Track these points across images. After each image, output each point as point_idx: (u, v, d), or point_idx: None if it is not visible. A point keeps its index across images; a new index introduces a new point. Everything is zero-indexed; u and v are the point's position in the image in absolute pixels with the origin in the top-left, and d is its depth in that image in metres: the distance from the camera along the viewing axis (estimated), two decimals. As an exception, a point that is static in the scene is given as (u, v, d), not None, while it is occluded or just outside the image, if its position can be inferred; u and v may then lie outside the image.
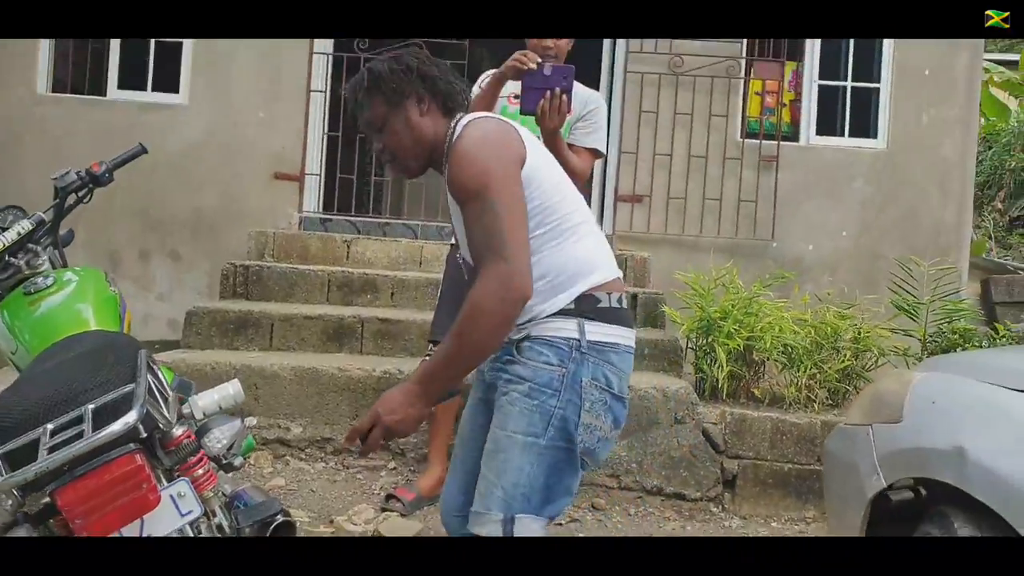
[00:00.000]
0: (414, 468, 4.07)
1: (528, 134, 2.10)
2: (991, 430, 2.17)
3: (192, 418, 2.13)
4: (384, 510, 3.66)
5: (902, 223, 6.11)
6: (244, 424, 2.23)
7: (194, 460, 2.02)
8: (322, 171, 6.18)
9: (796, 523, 4.04)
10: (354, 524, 3.52)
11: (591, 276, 2.05)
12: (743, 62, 6.15)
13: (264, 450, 4.11)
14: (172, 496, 1.89)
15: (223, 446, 2.15)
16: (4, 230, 2.49)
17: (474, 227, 1.95)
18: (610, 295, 2.07)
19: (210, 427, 2.15)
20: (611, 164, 6.02)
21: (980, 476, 2.09)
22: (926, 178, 6.15)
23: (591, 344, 2.02)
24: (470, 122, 2.03)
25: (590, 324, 2.02)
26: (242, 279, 5.08)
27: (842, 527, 2.68)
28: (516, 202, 1.94)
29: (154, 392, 1.98)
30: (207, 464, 2.06)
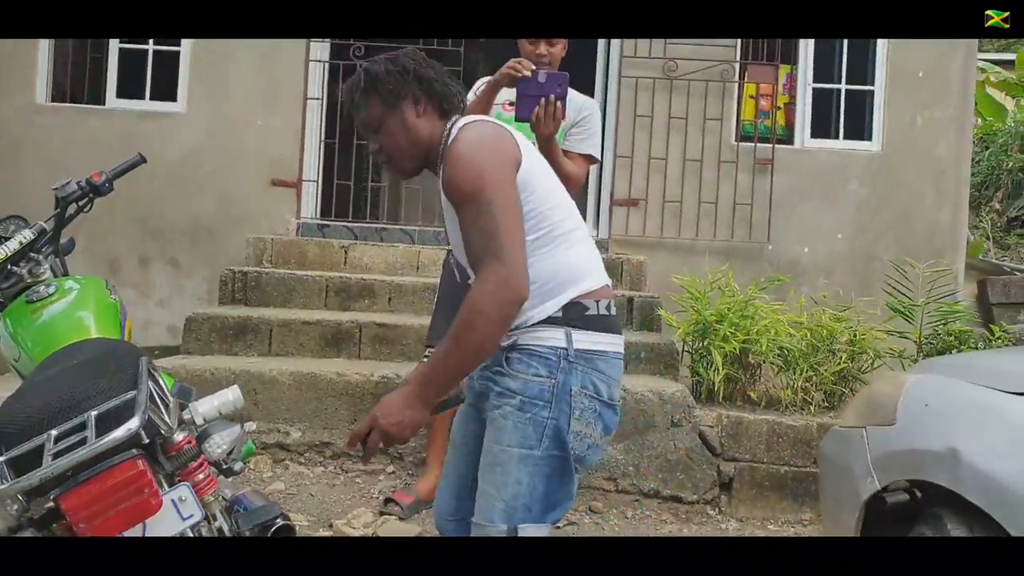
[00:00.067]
0: (412, 472, 4.09)
1: (523, 139, 2.10)
2: (984, 432, 2.19)
3: (193, 424, 2.15)
4: (383, 514, 3.68)
5: (897, 225, 6.12)
6: (244, 429, 2.25)
7: (195, 465, 2.04)
8: (319, 177, 6.19)
9: (792, 525, 4.06)
10: (353, 528, 3.54)
11: (580, 283, 2.05)
12: (737, 66, 6.16)
13: (264, 455, 4.13)
14: (173, 500, 1.91)
15: (223, 451, 2.17)
16: (6, 240, 2.52)
17: (470, 229, 1.95)
18: (598, 302, 2.07)
19: (210, 432, 2.17)
20: (606, 168, 6.03)
21: (973, 478, 2.11)
22: (921, 180, 6.16)
23: (579, 352, 2.02)
24: (466, 125, 2.03)
25: (577, 332, 2.02)
26: (241, 285, 5.10)
27: (837, 529, 2.70)
28: (512, 205, 1.94)
29: (155, 398, 2.00)
30: (207, 469, 2.08)
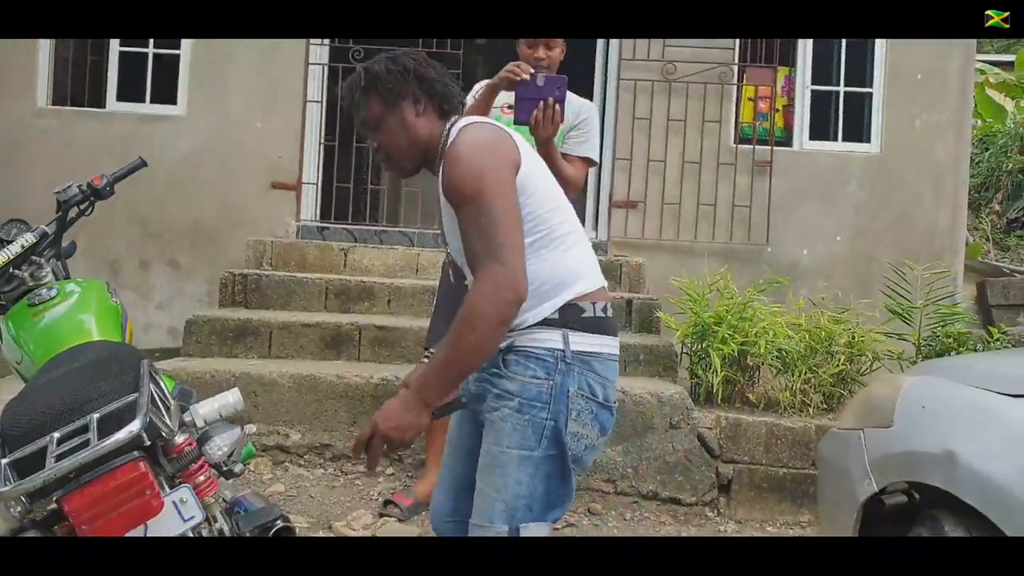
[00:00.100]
0: (412, 474, 4.10)
1: (523, 141, 2.10)
2: (980, 434, 2.20)
3: (193, 426, 2.16)
4: (382, 515, 3.69)
5: (896, 227, 6.13)
6: (244, 432, 2.26)
7: (196, 467, 2.06)
8: (319, 180, 6.21)
9: (791, 527, 4.06)
10: (352, 530, 3.56)
11: (576, 286, 2.06)
12: (735, 68, 6.17)
13: (264, 457, 4.15)
14: (175, 502, 1.93)
15: (224, 453, 2.18)
16: (8, 243, 2.52)
17: (469, 230, 1.95)
18: (594, 304, 2.08)
19: (211, 435, 2.18)
20: (605, 170, 6.05)
21: (969, 480, 2.12)
22: (920, 182, 6.17)
23: (575, 354, 2.02)
24: (466, 126, 2.03)
25: (574, 334, 2.03)
26: (241, 288, 5.12)
27: (835, 530, 2.70)
28: (511, 206, 1.95)
29: (156, 401, 2.01)
30: (208, 471, 2.10)
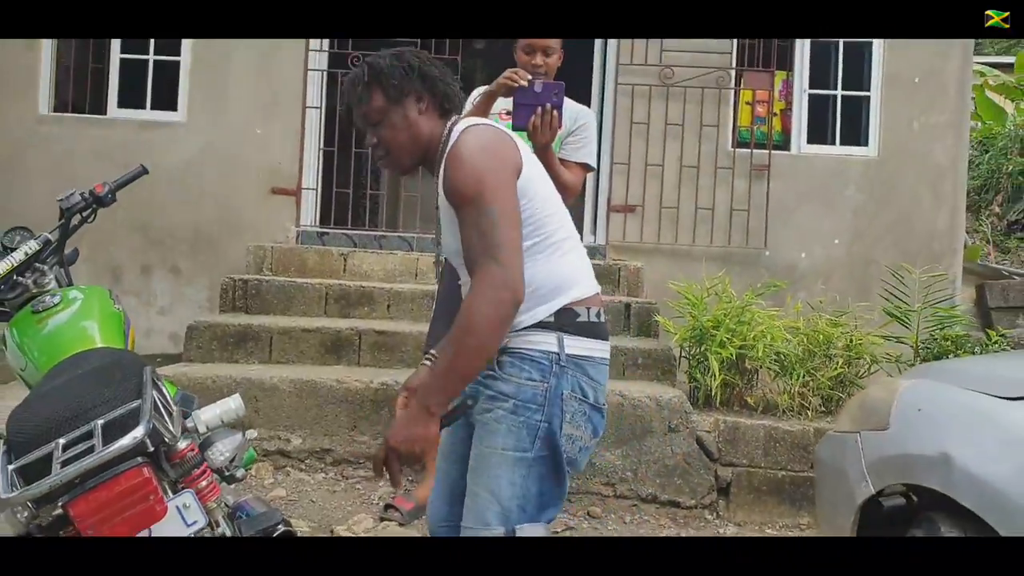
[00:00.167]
0: (412, 478, 4.11)
1: (523, 145, 2.11)
2: (976, 437, 2.22)
3: (196, 432, 2.19)
4: (383, 519, 3.70)
5: (895, 230, 6.13)
6: (245, 437, 2.28)
7: (198, 472, 2.08)
8: (318, 185, 6.23)
9: (790, 529, 4.08)
10: (353, 533, 3.57)
11: (571, 290, 2.07)
12: (733, 72, 6.19)
13: (265, 461, 4.16)
14: (178, 507, 1.95)
15: (226, 459, 2.20)
16: (12, 250, 2.54)
17: (469, 232, 1.96)
18: (588, 309, 2.09)
19: (213, 440, 2.21)
20: (603, 175, 6.06)
21: (965, 482, 2.14)
22: (918, 184, 6.18)
23: (570, 357, 2.03)
24: (468, 128, 2.04)
25: (569, 338, 2.04)
26: (241, 293, 5.13)
27: (833, 532, 2.72)
28: (511, 209, 1.96)
29: (159, 407, 2.04)
30: (210, 476, 2.12)
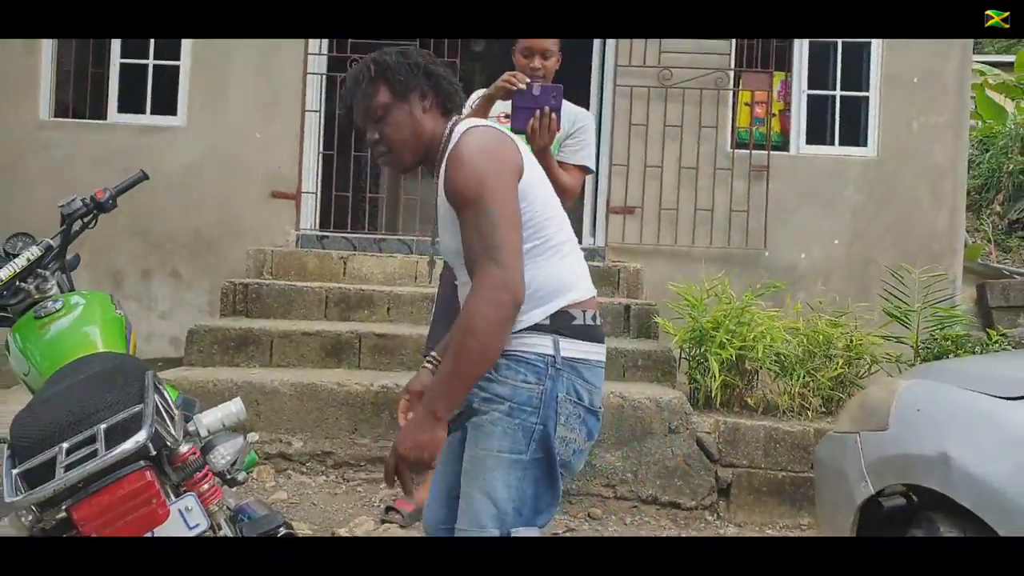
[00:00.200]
0: (413, 479, 4.11)
1: (524, 147, 2.12)
2: (975, 437, 2.22)
3: (197, 435, 2.20)
4: (384, 522, 3.71)
5: (894, 230, 6.14)
6: (247, 440, 2.29)
7: (200, 476, 2.09)
8: (318, 189, 6.24)
9: (791, 530, 4.08)
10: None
11: (568, 294, 2.07)
12: (731, 73, 6.19)
13: (266, 465, 4.17)
14: (180, 510, 1.95)
15: (227, 462, 2.21)
16: (14, 256, 2.55)
17: (470, 233, 1.96)
18: (584, 312, 2.09)
19: (215, 444, 2.21)
20: (603, 176, 6.07)
21: (964, 482, 2.15)
22: (917, 184, 6.18)
23: (565, 360, 2.03)
24: (469, 129, 2.04)
25: (564, 341, 2.04)
26: (242, 297, 5.14)
27: (833, 532, 2.73)
28: (512, 211, 1.96)
29: (161, 411, 2.05)
30: (212, 479, 2.13)
